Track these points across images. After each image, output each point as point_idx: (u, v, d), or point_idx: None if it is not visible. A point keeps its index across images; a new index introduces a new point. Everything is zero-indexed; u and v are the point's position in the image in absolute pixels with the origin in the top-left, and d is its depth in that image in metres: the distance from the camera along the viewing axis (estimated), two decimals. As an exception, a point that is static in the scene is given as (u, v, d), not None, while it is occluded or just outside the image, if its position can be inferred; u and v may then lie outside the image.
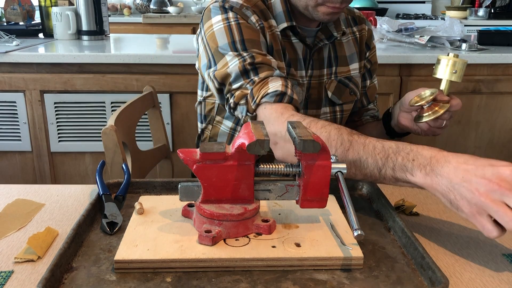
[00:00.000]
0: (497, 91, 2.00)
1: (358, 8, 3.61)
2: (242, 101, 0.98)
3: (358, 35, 1.23)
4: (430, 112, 1.02)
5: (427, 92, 1.02)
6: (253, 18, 1.04)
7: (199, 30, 1.12)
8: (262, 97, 0.94)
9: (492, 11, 3.94)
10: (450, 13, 3.90)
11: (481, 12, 3.88)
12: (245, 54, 0.98)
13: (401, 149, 0.75)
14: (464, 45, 2.04)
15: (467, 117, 2.03)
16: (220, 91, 1.03)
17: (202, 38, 1.08)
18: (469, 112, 2.03)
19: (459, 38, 2.17)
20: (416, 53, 1.97)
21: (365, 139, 0.81)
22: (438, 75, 1.03)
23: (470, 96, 2.00)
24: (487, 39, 2.18)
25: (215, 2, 1.06)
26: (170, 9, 4.07)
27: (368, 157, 0.78)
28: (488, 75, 1.99)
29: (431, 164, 0.71)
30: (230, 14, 1.02)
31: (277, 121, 0.89)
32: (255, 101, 0.95)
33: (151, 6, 4.15)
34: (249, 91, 0.96)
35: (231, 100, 1.00)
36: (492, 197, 0.64)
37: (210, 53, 1.04)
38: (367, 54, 1.27)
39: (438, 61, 1.03)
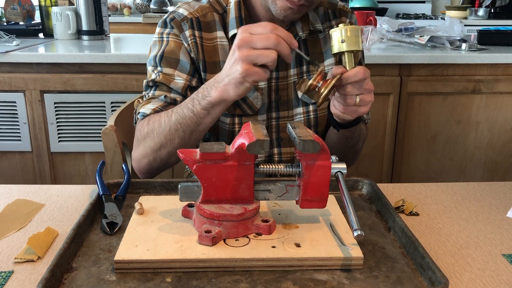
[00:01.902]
0: (497, 91, 2.00)
1: (358, 8, 3.62)
2: (134, 111, 1.13)
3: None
4: (323, 89, 0.89)
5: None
6: (187, 33, 1.08)
7: None
8: (138, 113, 1.08)
9: (492, 11, 3.94)
10: (450, 13, 3.90)
11: (481, 12, 3.88)
12: (157, 70, 1.08)
13: (194, 96, 0.94)
14: (464, 45, 2.04)
15: (467, 117, 2.03)
16: None
17: None
18: (469, 112, 2.03)
19: (459, 38, 2.17)
20: (416, 53, 1.97)
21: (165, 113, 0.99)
22: (334, 50, 0.90)
23: (470, 96, 2.00)
24: (487, 39, 2.18)
25: (169, 13, 1.13)
26: (170, 8, 4.06)
27: (183, 109, 0.95)
28: (488, 75, 1.99)
29: (213, 80, 0.90)
30: (166, 31, 1.10)
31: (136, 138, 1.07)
32: (135, 114, 1.10)
33: (151, 6, 4.15)
34: (140, 103, 1.10)
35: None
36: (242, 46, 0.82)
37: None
38: None
39: (330, 36, 0.90)
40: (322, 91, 0.88)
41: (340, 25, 0.88)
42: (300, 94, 1.15)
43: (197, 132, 0.96)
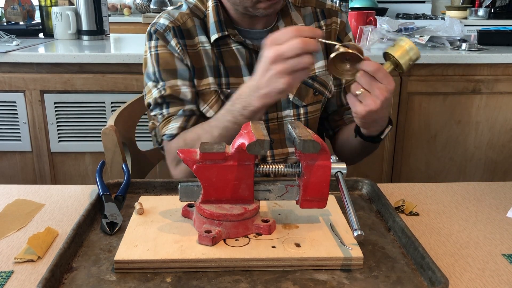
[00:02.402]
0: (497, 91, 2.00)
1: (358, 8, 3.62)
2: (153, 132, 1.15)
3: (325, 30, 1.16)
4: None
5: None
6: (173, 42, 1.07)
7: None
8: (163, 135, 1.09)
9: (492, 11, 3.94)
10: (450, 13, 3.89)
11: (481, 12, 3.88)
12: (159, 85, 1.08)
13: (233, 100, 0.95)
14: (464, 45, 2.04)
15: (467, 117, 2.03)
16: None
17: None
18: (469, 112, 2.03)
19: (459, 38, 2.17)
20: (416, 53, 1.96)
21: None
22: (392, 51, 0.91)
23: (470, 96, 2.00)
24: (487, 39, 2.18)
25: (151, 24, 1.12)
26: (170, 9, 4.07)
27: (224, 122, 0.96)
28: (488, 75, 1.99)
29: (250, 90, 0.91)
30: (152, 43, 1.09)
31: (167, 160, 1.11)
32: (160, 137, 1.12)
33: (151, 6, 4.15)
34: (157, 125, 1.11)
35: (149, 124, 1.16)
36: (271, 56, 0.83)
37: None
38: None
39: (401, 41, 0.91)
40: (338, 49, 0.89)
41: (414, 46, 0.89)
42: (291, 96, 1.14)
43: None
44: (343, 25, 1.19)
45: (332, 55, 0.87)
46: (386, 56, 0.92)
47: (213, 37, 1.08)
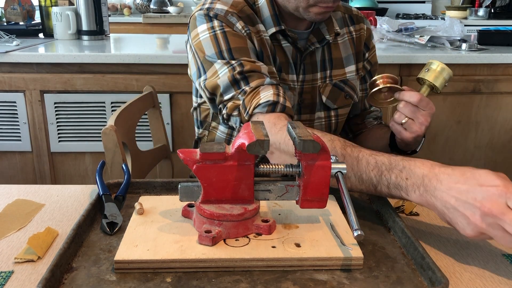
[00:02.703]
0: (497, 91, 2.00)
1: (358, 8, 3.61)
2: (235, 112, 0.97)
3: (355, 35, 1.19)
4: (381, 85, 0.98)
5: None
6: (239, 25, 1.01)
7: (187, 37, 1.11)
8: (254, 108, 0.94)
9: (492, 11, 3.94)
10: (450, 13, 3.89)
11: (481, 12, 3.88)
12: (233, 62, 0.98)
13: (394, 166, 0.75)
14: (464, 45, 2.04)
15: (467, 117, 2.03)
16: (212, 100, 1.02)
17: (191, 46, 1.07)
18: (469, 112, 2.03)
19: (459, 38, 2.17)
20: (416, 53, 1.97)
21: (358, 152, 0.80)
22: (427, 76, 0.98)
23: (470, 96, 2.00)
24: (487, 39, 2.18)
25: (200, 9, 1.05)
26: (170, 9, 4.07)
27: (363, 174, 0.78)
28: (488, 75, 1.99)
29: (424, 185, 0.71)
30: (216, 23, 1.01)
31: (270, 132, 0.88)
32: (247, 112, 0.95)
33: (151, 6, 4.15)
34: (241, 102, 0.96)
35: (224, 111, 1.00)
36: (487, 222, 0.65)
37: (199, 62, 1.03)
38: (366, 55, 1.23)
39: (430, 63, 0.98)
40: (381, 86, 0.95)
41: (445, 66, 0.95)
42: (324, 98, 1.15)
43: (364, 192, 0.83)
44: (369, 32, 1.23)
45: (374, 89, 0.92)
46: (421, 80, 0.97)
47: (271, 30, 1.06)
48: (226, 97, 0.98)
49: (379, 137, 1.20)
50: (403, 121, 0.95)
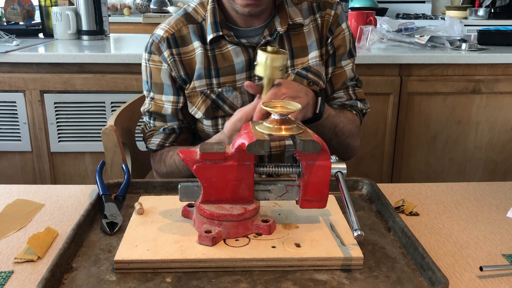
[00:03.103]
0: (497, 91, 2.00)
1: (358, 8, 3.62)
2: (142, 135, 1.23)
3: (319, 22, 1.17)
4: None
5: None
6: (166, 53, 1.13)
7: None
8: (147, 146, 1.21)
9: (492, 11, 3.94)
10: (450, 13, 3.89)
11: (481, 12, 3.88)
12: (149, 97, 1.18)
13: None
14: (464, 45, 2.04)
15: (467, 117, 2.03)
16: None
17: None
18: (469, 112, 2.03)
19: (459, 38, 2.17)
20: (416, 53, 1.96)
21: None
22: (257, 71, 0.92)
23: (470, 96, 2.00)
24: (487, 39, 2.18)
25: (151, 34, 1.17)
26: (170, 9, 4.07)
27: None
28: (488, 75, 1.98)
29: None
30: (146, 56, 1.16)
31: (160, 166, 1.19)
32: (144, 141, 1.22)
33: (151, 6, 4.15)
34: (146, 132, 1.21)
35: (141, 127, 1.25)
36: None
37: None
38: (329, 39, 1.19)
39: (258, 55, 0.91)
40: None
41: (269, 49, 0.90)
42: None
43: None
44: (336, 16, 1.19)
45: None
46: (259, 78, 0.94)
47: (209, 37, 1.12)
48: (144, 118, 1.23)
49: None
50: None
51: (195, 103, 1.14)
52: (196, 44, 1.13)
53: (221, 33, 1.11)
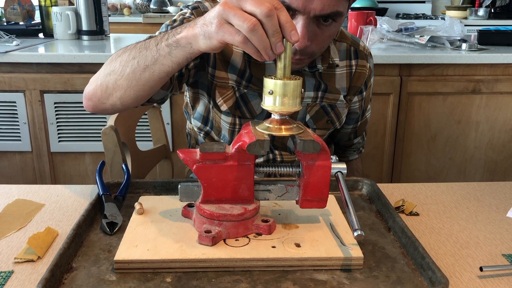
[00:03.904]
0: (497, 91, 2.00)
1: (358, 8, 3.62)
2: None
3: (354, 70, 1.17)
4: None
5: None
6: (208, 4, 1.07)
7: None
8: None
9: (492, 11, 3.94)
10: (450, 13, 3.89)
11: (481, 12, 3.88)
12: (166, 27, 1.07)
13: (176, 29, 0.81)
14: (464, 45, 2.04)
15: (467, 117, 2.03)
16: None
17: None
18: (469, 112, 2.03)
19: (459, 38, 2.17)
20: (416, 53, 1.97)
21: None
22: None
23: (470, 96, 2.00)
24: (487, 39, 2.18)
25: (194, 2, 1.10)
26: (170, 9, 4.07)
27: (151, 41, 0.85)
28: (488, 75, 1.99)
29: (192, 23, 0.77)
30: (186, 15, 1.07)
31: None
32: None
33: (151, 6, 4.15)
34: None
35: None
36: (229, 4, 0.69)
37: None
38: (364, 93, 1.21)
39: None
40: None
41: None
42: (308, 117, 1.15)
43: (150, 70, 0.84)
44: (370, 71, 1.21)
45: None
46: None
47: None
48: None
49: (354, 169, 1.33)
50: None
51: (223, 94, 1.08)
52: None
53: None
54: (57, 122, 1.96)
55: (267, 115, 1.12)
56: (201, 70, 1.09)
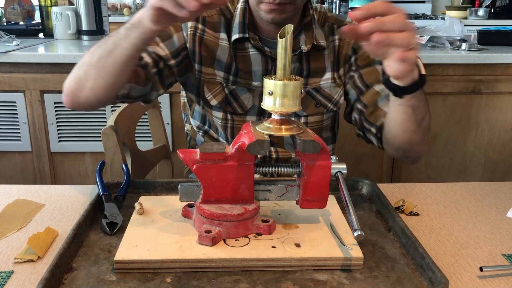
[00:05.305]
0: (497, 91, 2.00)
1: (358, 8, 3.61)
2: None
3: (336, 44, 1.16)
4: None
5: None
6: (189, 24, 1.09)
7: None
8: None
9: (492, 11, 3.94)
10: (450, 13, 3.89)
11: (481, 12, 3.88)
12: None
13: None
14: (464, 45, 2.04)
15: (467, 117, 2.03)
16: None
17: None
18: (469, 112, 2.03)
19: (459, 38, 2.17)
20: (416, 53, 1.96)
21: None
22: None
23: (470, 96, 2.00)
24: (487, 39, 2.18)
25: None
26: (170, 9, 4.06)
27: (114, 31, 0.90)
28: (488, 75, 1.98)
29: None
30: None
31: None
32: None
33: (151, 6, 4.15)
34: None
35: None
36: None
37: None
38: (353, 58, 1.15)
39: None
40: None
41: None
42: None
43: (112, 56, 0.87)
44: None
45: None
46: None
47: (234, 36, 1.10)
48: None
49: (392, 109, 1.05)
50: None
51: (212, 89, 1.12)
52: (223, 35, 1.11)
53: (247, 35, 1.09)
54: (57, 122, 1.96)
55: (259, 108, 1.13)
56: (189, 71, 1.12)
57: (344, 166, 0.77)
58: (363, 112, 1.12)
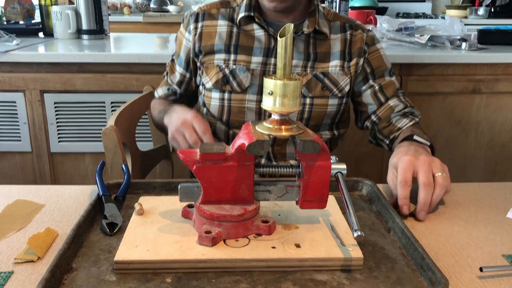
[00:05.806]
0: (497, 91, 1.99)
1: (358, 7, 3.62)
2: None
3: (349, 37, 1.23)
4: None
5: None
6: (192, 26, 1.24)
7: None
8: (155, 90, 1.39)
9: (492, 10, 3.94)
10: (450, 12, 3.89)
11: (481, 11, 3.88)
12: (171, 58, 1.34)
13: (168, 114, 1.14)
14: (464, 44, 2.04)
15: (467, 117, 2.03)
16: None
17: None
18: (469, 112, 2.02)
19: (459, 37, 2.17)
20: (416, 52, 1.96)
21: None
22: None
23: (470, 96, 2.00)
24: (487, 38, 2.17)
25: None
26: (170, 8, 4.07)
27: (161, 113, 1.21)
28: (488, 75, 1.98)
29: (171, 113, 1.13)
30: (181, 27, 1.29)
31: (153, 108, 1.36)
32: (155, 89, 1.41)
33: (151, 5, 4.15)
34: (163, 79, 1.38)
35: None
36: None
37: None
38: (366, 54, 1.24)
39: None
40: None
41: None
42: None
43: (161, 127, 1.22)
44: (370, 37, 1.26)
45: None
46: None
47: (240, 15, 1.19)
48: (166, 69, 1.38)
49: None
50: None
51: (209, 73, 1.22)
52: (221, 22, 1.22)
53: (252, 14, 1.18)
54: (57, 122, 1.96)
55: (259, 88, 1.19)
56: (195, 66, 1.28)
57: (344, 166, 0.77)
58: (376, 124, 1.25)
